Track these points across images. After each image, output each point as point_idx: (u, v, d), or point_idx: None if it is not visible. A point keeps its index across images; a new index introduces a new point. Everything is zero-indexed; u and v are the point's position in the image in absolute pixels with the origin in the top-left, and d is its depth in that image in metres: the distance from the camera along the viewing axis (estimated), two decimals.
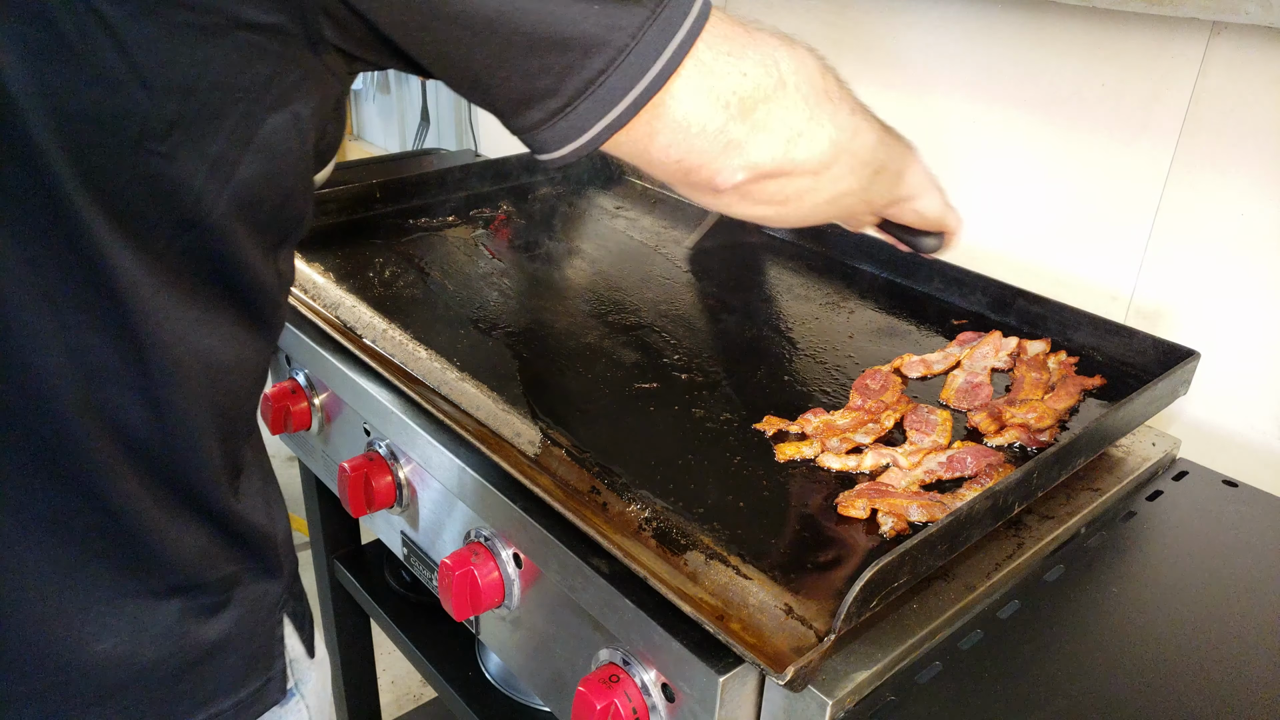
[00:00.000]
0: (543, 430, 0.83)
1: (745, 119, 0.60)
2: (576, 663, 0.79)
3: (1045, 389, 0.91)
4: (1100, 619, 0.73)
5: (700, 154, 0.61)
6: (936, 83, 1.23)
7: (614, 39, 0.54)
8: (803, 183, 0.66)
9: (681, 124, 0.59)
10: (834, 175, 0.68)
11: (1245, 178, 0.98)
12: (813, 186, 0.67)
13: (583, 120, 0.56)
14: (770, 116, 0.61)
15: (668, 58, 0.55)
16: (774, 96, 0.61)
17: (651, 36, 0.55)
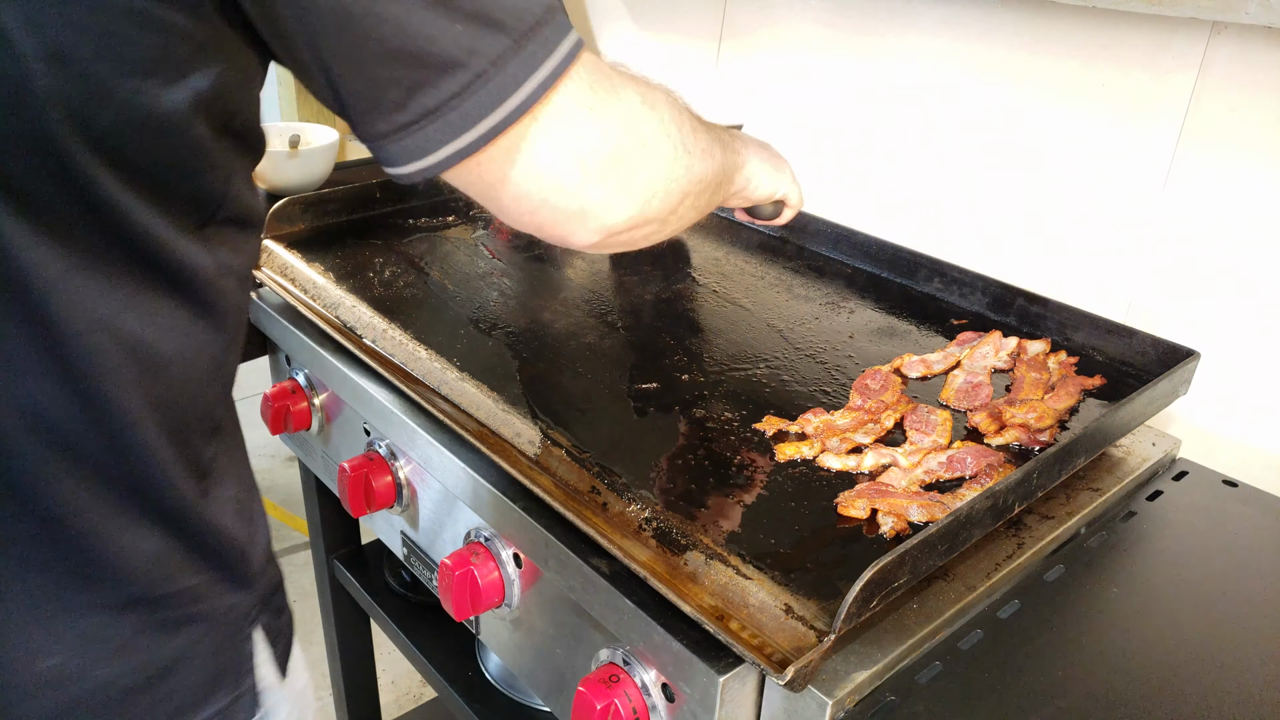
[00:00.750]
0: (543, 430, 0.83)
1: (603, 182, 0.58)
2: (576, 663, 0.79)
3: (1045, 389, 0.91)
4: (1100, 619, 0.73)
5: (553, 212, 0.59)
6: (936, 83, 1.23)
7: (471, 63, 0.51)
8: (650, 230, 0.66)
9: (535, 175, 0.56)
10: (678, 215, 0.68)
11: (1245, 177, 0.98)
12: (658, 231, 0.67)
13: (429, 141, 0.53)
14: (630, 180, 0.60)
15: (525, 95, 0.53)
16: (635, 159, 0.60)
17: (512, 69, 0.52)
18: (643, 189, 0.61)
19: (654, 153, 0.62)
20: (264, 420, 1.13)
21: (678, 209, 0.67)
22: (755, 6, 1.44)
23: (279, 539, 2.54)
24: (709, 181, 0.71)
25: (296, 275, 1.13)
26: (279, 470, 2.81)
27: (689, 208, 0.69)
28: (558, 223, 0.60)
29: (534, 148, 0.55)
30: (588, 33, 1.76)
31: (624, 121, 0.59)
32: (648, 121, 0.61)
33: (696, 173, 0.67)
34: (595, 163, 0.58)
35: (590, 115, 0.57)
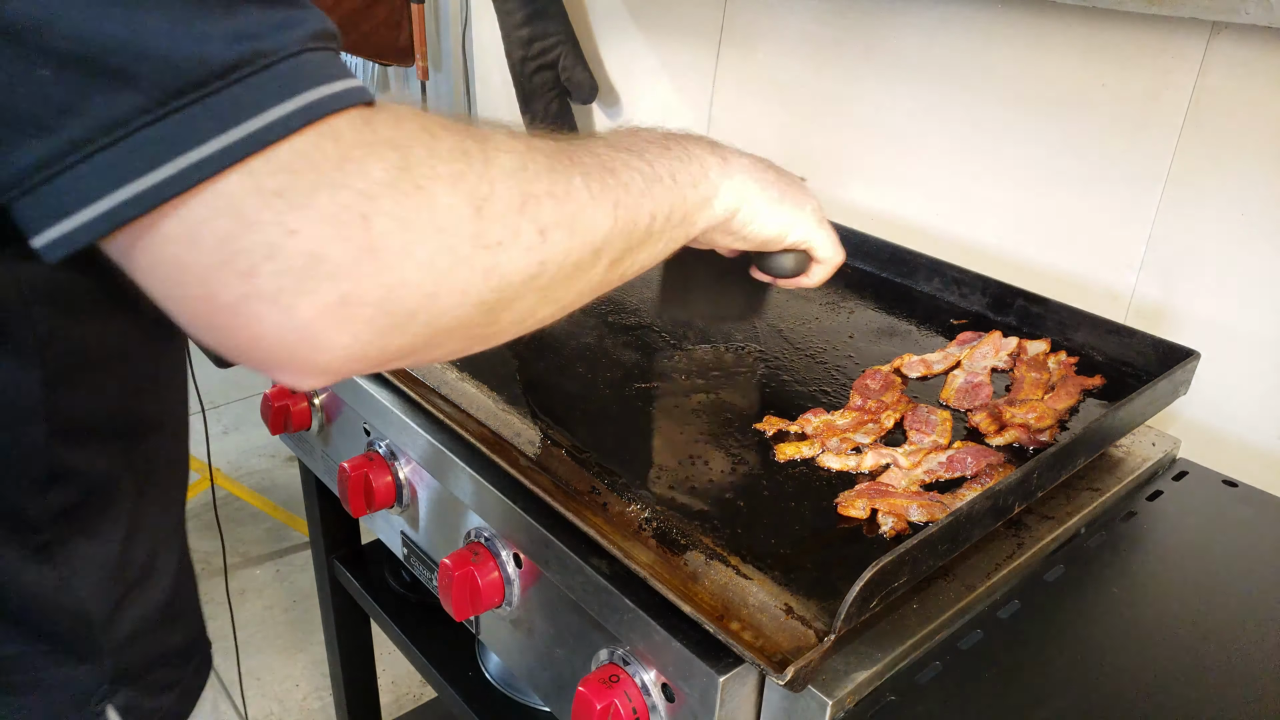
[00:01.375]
0: (543, 430, 0.83)
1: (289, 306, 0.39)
2: (576, 663, 0.79)
3: (1045, 389, 0.91)
4: (1100, 619, 0.73)
5: (220, 332, 0.41)
6: (936, 82, 1.23)
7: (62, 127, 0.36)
8: (449, 348, 0.48)
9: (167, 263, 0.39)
10: (508, 321, 0.49)
11: (1245, 178, 0.98)
12: (471, 344, 0.49)
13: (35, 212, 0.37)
14: (348, 305, 0.41)
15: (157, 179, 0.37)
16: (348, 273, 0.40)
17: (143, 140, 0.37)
18: (379, 315, 0.41)
19: (399, 260, 0.41)
20: (264, 420, 1.13)
21: (496, 318, 0.47)
22: (755, 7, 1.44)
23: (279, 539, 2.55)
24: (577, 264, 0.51)
25: None
26: (279, 470, 2.81)
27: (530, 305, 0.49)
28: (239, 350, 0.42)
29: (171, 243, 0.38)
30: (588, 33, 1.76)
31: (336, 214, 0.39)
32: (388, 214, 0.40)
33: (520, 267, 0.46)
34: (271, 271, 0.39)
35: (263, 196, 0.38)
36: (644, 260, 0.59)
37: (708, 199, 0.63)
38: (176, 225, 0.38)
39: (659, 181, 0.58)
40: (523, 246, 0.46)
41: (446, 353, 0.48)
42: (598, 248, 0.52)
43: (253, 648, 2.21)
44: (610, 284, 0.57)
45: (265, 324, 0.40)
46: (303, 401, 1.11)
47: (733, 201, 0.66)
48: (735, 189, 0.66)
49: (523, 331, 0.52)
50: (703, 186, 0.63)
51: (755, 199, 0.68)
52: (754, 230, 0.69)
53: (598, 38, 1.75)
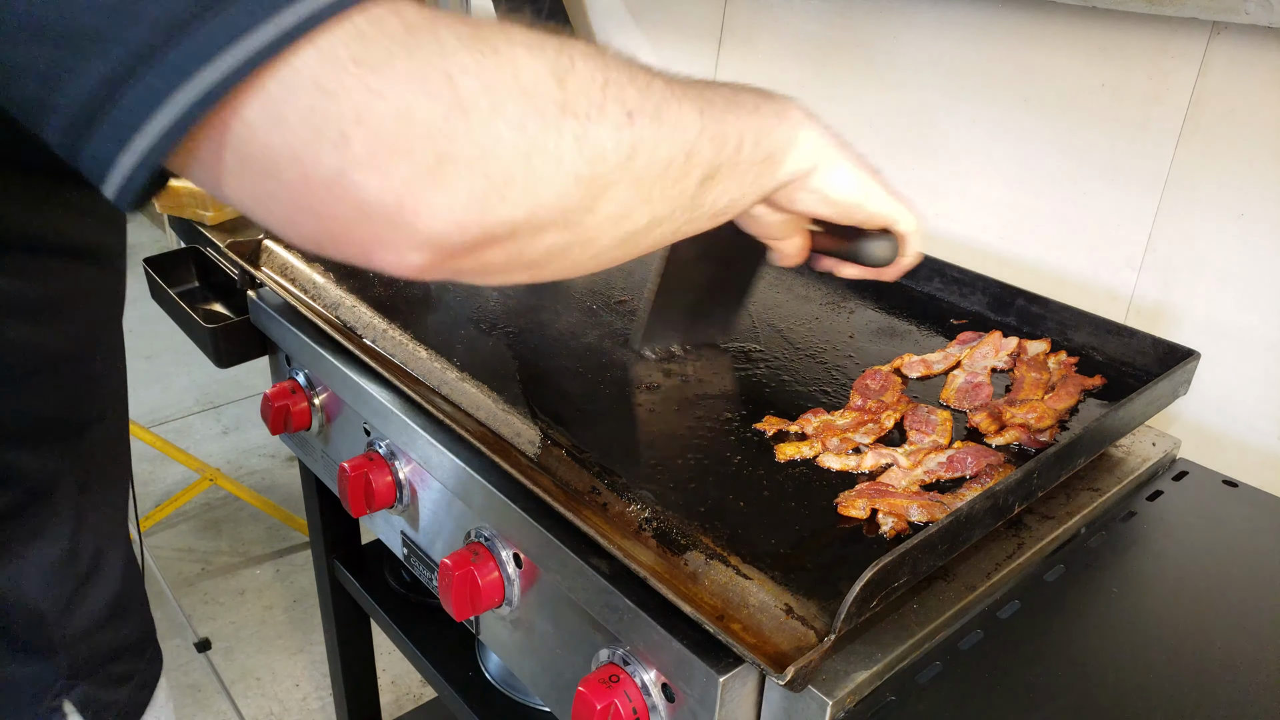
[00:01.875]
0: (543, 430, 0.83)
1: (387, 169, 0.39)
2: (576, 663, 0.79)
3: (1045, 389, 0.91)
4: (1100, 619, 0.73)
5: (319, 218, 0.40)
6: (936, 83, 1.23)
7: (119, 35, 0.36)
8: (549, 240, 0.46)
9: (256, 153, 0.39)
10: (607, 216, 0.48)
11: (1245, 178, 0.98)
12: (572, 240, 0.47)
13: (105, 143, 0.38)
14: (445, 163, 0.40)
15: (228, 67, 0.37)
16: (441, 131, 0.40)
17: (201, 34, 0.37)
18: (476, 176, 0.41)
19: (488, 118, 0.41)
20: (264, 420, 1.13)
21: (592, 208, 0.47)
22: (755, 6, 1.44)
23: (279, 539, 2.55)
24: (655, 161, 0.49)
25: (296, 275, 1.13)
26: (279, 470, 2.81)
27: (625, 203, 0.48)
28: (349, 239, 0.41)
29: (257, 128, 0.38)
30: (588, 33, 1.76)
31: (418, 72, 0.40)
32: (466, 73, 0.41)
33: (601, 147, 0.46)
34: (364, 136, 0.39)
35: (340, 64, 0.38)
36: (734, 193, 0.58)
37: (792, 140, 0.61)
38: (258, 111, 0.38)
39: (742, 106, 0.57)
40: (611, 123, 0.46)
41: (551, 246, 0.47)
42: (688, 149, 0.51)
43: (253, 648, 2.21)
44: (700, 211, 0.56)
45: (365, 191, 0.39)
46: (302, 401, 1.11)
47: (815, 154, 0.64)
48: (817, 141, 0.64)
49: (621, 237, 0.50)
50: (786, 126, 0.61)
51: (835, 157, 0.65)
52: (836, 191, 0.65)
53: (598, 38, 1.75)
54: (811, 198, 0.66)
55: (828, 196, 0.66)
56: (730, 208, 0.59)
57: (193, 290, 1.46)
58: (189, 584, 2.39)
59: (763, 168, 0.60)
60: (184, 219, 1.47)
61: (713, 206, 0.57)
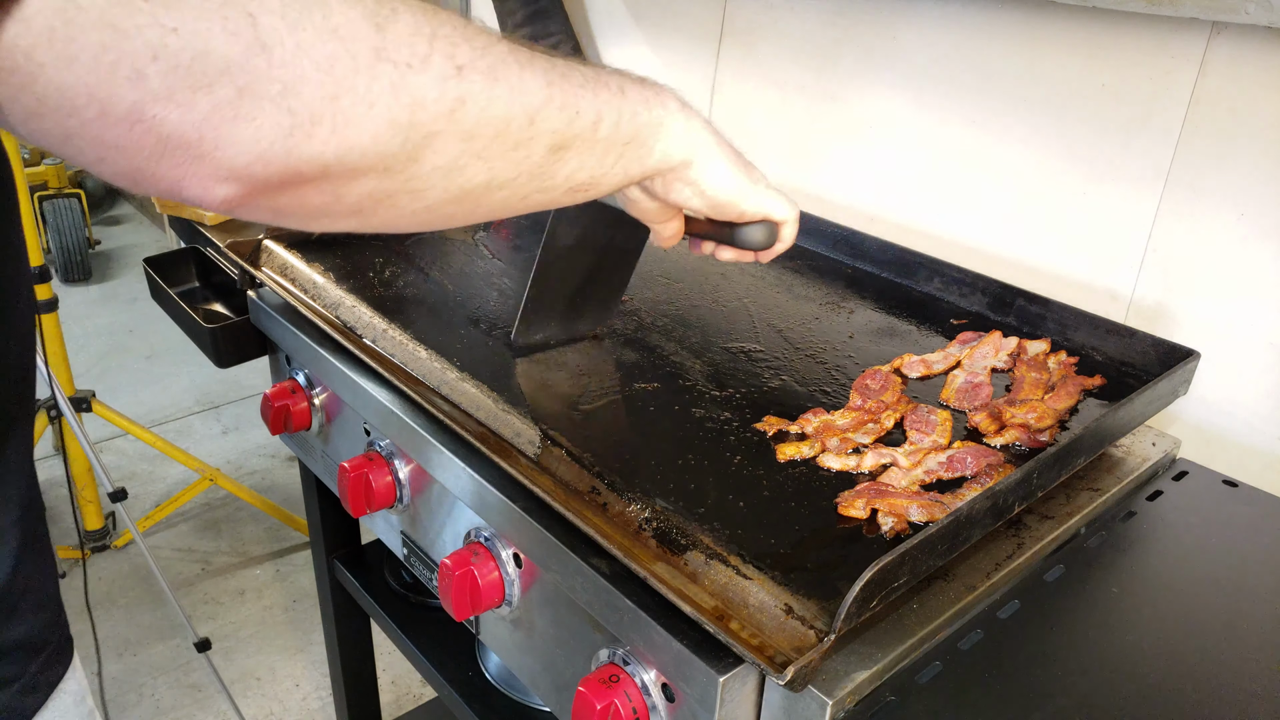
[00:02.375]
0: (543, 430, 0.83)
1: (188, 102, 0.39)
2: (576, 663, 0.79)
3: (1045, 389, 0.91)
4: (1100, 619, 0.73)
5: (122, 152, 0.40)
6: (936, 82, 1.23)
7: None
8: (369, 185, 0.47)
9: (52, 94, 0.38)
10: (433, 167, 0.49)
11: (1245, 178, 0.98)
12: (396, 188, 0.48)
13: None
14: (245, 98, 0.41)
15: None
16: (241, 67, 0.40)
17: None
18: (280, 111, 0.42)
19: (287, 57, 0.41)
20: (264, 420, 1.13)
21: (416, 157, 0.47)
22: (755, 7, 1.44)
23: (279, 539, 2.55)
24: (486, 119, 0.49)
25: (296, 275, 1.13)
26: (279, 470, 2.81)
27: (455, 152, 0.49)
28: (144, 169, 0.41)
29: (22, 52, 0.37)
30: (588, 33, 1.76)
31: (216, 9, 0.39)
32: (275, 12, 0.41)
33: (420, 94, 0.46)
34: (160, 71, 0.39)
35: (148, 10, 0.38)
36: (592, 169, 0.59)
37: (660, 125, 0.62)
38: (45, 50, 0.37)
39: (605, 87, 0.58)
40: (435, 74, 0.46)
41: (371, 191, 0.47)
42: (530, 114, 0.52)
43: (253, 648, 2.21)
44: (553, 180, 0.56)
45: (165, 125, 0.40)
46: (303, 401, 1.11)
47: (689, 146, 0.65)
48: (692, 134, 0.65)
49: (455, 192, 0.51)
50: (656, 111, 0.62)
51: (712, 153, 0.67)
52: (712, 185, 0.67)
53: (598, 38, 1.75)
54: (688, 190, 0.68)
55: (704, 192, 0.68)
56: (591, 185, 0.60)
57: (193, 290, 1.46)
58: (189, 584, 2.39)
59: (627, 150, 0.60)
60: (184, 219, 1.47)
61: (569, 180, 0.58)
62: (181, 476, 2.69)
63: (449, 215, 0.53)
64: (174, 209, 1.47)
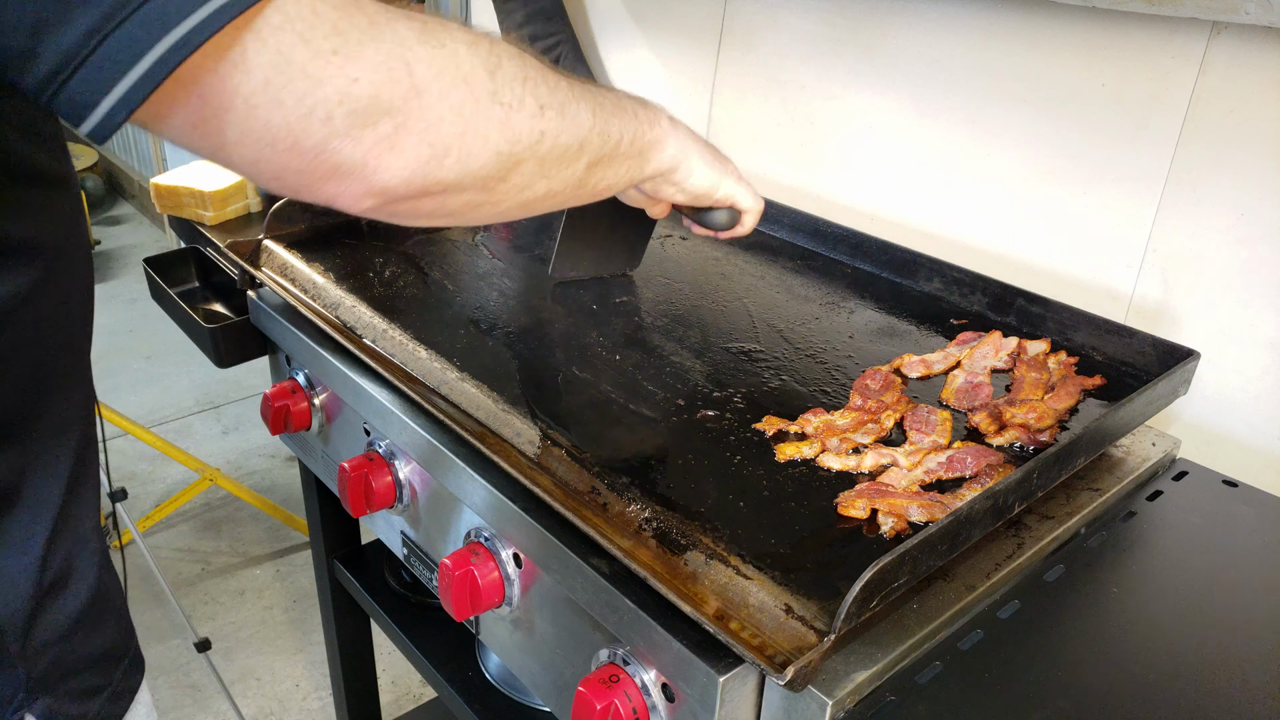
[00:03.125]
0: (543, 430, 0.83)
1: (359, 138, 0.49)
2: (576, 663, 0.79)
3: (1045, 389, 0.91)
4: (1100, 619, 0.73)
5: (300, 174, 0.50)
6: (936, 82, 1.23)
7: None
8: (467, 198, 0.58)
9: (257, 128, 0.47)
10: (514, 185, 0.60)
11: (1245, 177, 0.98)
12: (484, 200, 0.59)
13: (96, 79, 0.43)
14: (400, 134, 0.51)
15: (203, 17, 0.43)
16: (400, 109, 0.50)
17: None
18: (423, 145, 0.52)
19: (436, 101, 0.52)
20: (264, 420, 1.13)
21: (505, 179, 0.59)
22: (755, 7, 1.44)
23: (279, 539, 2.55)
24: (555, 148, 0.61)
25: (296, 275, 1.13)
26: (279, 470, 2.81)
27: (527, 177, 0.60)
28: (312, 186, 0.52)
29: (241, 96, 0.46)
30: (588, 33, 1.76)
31: (385, 62, 0.49)
32: (422, 63, 0.51)
33: (519, 132, 0.57)
34: (344, 114, 0.48)
35: (328, 58, 0.47)
36: (611, 179, 0.71)
37: (659, 142, 0.76)
38: (261, 95, 0.46)
39: (624, 111, 0.70)
40: (527, 113, 0.58)
41: (467, 202, 0.58)
42: (582, 140, 0.64)
43: (253, 648, 2.21)
44: (584, 189, 0.68)
45: (340, 156, 0.50)
46: (303, 401, 1.11)
47: (677, 154, 0.78)
48: (680, 144, 0.78)
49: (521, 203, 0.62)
50: (656, 130, 0.75)
51: (694, 157, 0.80)
52: (692, 183, 0.81)
53: (598, 38, 1.75)
54: (672, 189, 0.82)
55: (684, 188, 0.82)
56: (607, 190, 0.73)
57: (193, 290, 1.46)
58: (189, 584, 2.39)
59: (634, 162, 0.73)
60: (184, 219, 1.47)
61: (594, 187, 0.70)
62: (181, 476, 2.69)
63: (511, 215, 0.64)
64: (174, 209, 1.47)
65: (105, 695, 0.68)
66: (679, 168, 0.79)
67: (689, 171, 0.80)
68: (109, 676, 0.69)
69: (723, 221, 0.90)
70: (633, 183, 0.76)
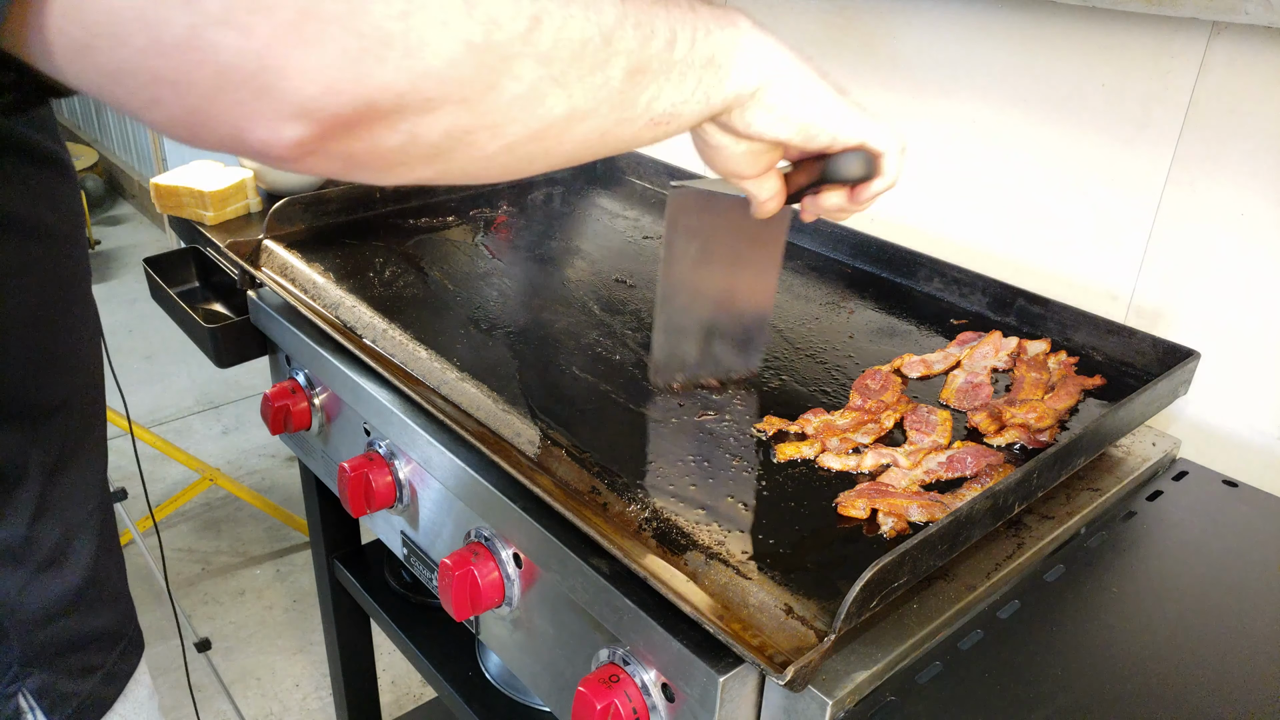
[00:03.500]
0: (543, 430, 0.83)
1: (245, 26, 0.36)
2: (576, 663, 0.79)
3: (1045, 389, 0.91)
4: (1100, 619, 0.73)
5: (176, 88, 0.37)
6: (936, 82, 1.23)
7: None
8: (447, 119, 0.42)
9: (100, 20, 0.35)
10: (513, 98, 0.44)
11: (1245, 178, 0.98)
12: (475, 124, 0.44)
13: None
14: (309, 19, 0.37)
15: None
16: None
17: None
18: (347, 33, 0.37)
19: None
20: (264, 420, 1.13)
21: (494, 80, 0.43)
22: (755, 7, 1.44)
23: (279, 539, 2.55)
24: (561, 39, 0.45)
25: (296, 275, 1.13)
26: (279, 470, 2.81)
27: (535, 80, 0.45)
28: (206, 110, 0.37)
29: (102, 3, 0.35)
30: None
31: None
32: None
33: (508, 13, 0.42)
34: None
35: None
36: (673, 96, 0.54)
37: (736, 45, 0.57)
38: None
39: (676, 5, 0.53)
40: (456, 11, 0.41)
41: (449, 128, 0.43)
42: (606, 33, 0.48)
43: (253, 648, 2.21)
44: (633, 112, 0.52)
45: (222, 51, 0.36)
46: (303, 401, 1.11)
47: (766, 67, 0.59)
48: (768, 53, 0.59)
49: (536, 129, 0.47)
50: (728, 30, 0.57)
51: (791, 71, 0.60)
52: (796, 105, 0.60)
53: None
54: (768, 117, 0.61)
55: (785, 115, 0.61)
56: (673, 116, 0.55)
57: (193, 290, 1.46)
58: (189, 584, 2.39)
59: (705, 73, 0.56)
60: (184, 219, 1.47)
61: (649, 109, 0.53)
62: (181, 476, 2.69)
63: (530, 155, 0.48)
64: (174, 209, 1.47)
65: (100, 675, 0.68)
66: (773, 83, 0.59)
67: (789, 89, 0.60)
68: (105, 657, 0.69)
69: (854, 169, 0.65)
70: (710, 107, 0.58)
